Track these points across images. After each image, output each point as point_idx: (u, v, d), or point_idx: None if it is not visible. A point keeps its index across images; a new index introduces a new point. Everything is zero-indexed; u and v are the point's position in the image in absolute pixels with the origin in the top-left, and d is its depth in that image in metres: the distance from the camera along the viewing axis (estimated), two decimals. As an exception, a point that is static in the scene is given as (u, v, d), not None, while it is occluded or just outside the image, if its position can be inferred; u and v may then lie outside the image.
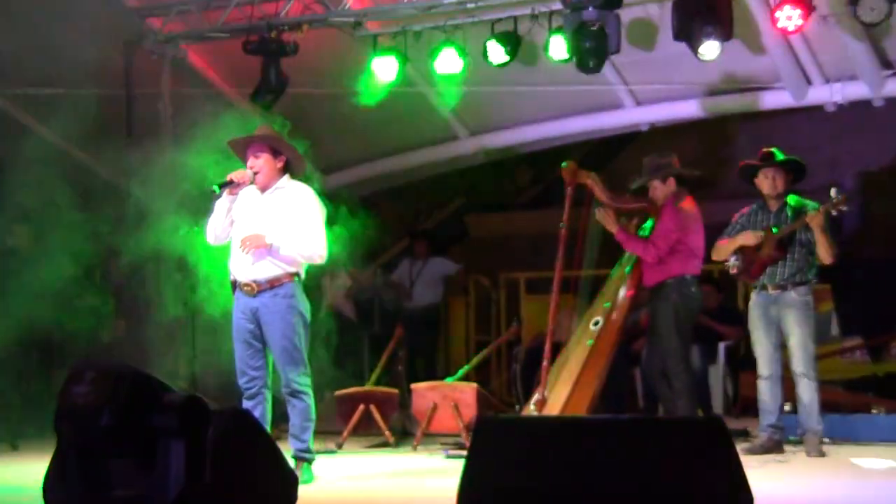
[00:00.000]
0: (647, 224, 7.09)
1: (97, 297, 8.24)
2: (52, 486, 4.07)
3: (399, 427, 7.90)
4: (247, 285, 5.73)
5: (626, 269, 7.17)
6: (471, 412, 7.11)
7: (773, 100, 9.21)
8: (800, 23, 7.43)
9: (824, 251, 6.54)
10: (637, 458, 3.66)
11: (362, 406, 7.59)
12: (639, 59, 8.85)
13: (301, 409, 5.74)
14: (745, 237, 6.77)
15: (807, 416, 6.60)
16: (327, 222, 5.94)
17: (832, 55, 8.67)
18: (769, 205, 6.82)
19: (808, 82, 8.91)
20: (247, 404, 5.71)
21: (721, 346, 8.96)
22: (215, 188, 5.78)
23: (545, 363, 6.71)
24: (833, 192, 6.47)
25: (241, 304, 5.78)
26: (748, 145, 8.95)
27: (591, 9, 7.38)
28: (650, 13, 8.36)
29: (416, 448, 7.35)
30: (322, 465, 6.06)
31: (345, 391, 7.87)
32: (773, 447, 6.63)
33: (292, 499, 4.40)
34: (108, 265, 8.75)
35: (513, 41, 8.11)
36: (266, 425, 5.63)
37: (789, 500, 5.10)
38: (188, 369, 8.04)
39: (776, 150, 6.80)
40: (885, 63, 8.66)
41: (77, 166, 8.98)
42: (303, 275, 5.83)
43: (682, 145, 8.90)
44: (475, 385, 7.45)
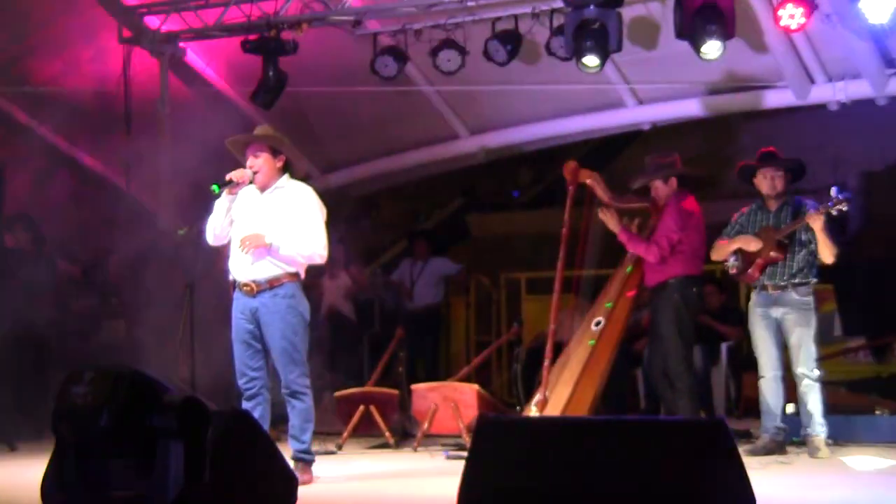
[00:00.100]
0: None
1: (94, 297, 8.23)
2: (51, 486, 4.07)
3: (399, 428, 7.87)
4: (246, 285, 5.71)
5: (628, 269, 7.14)
6: (471, 413, 7.08)
7: (776, 99, 9.18)
8: (802, 21, 7.42)
9: (825, 251, 6.52)
10: (638, 458, 3.65)
11: (362, 407, 7.57)
12: (640, 58, 8.83)
13: (301, 410, 5.72)
14: (746, 242, 6.74)
15: (809, 418, 6.58)
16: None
17: (835, 53, 8.65)
18: (768, 205, 6.80)
19: (811, 81, 8.88)
20: (246, 405, 5.68)
21: (723, 346, 8.92)
22: (215, 187, 5.75)
23: (546, 363, 6.69)
24: (833, 191, 6.45)
25: (240, 305, 5.76)
26: (750, 144, 8.89)
27: (592, 7, 7.36)
28: (652, 11, 8.34)
29: (416, 449, 7.32)
30: (322, 465, 6.03)
31: (345, 392, 7.86)
32: (776, 448, 6.60)
33: (292, 499, 4.39)
34: (106, 264, 8.74)
35: (514, 40, 8.08)
36: (265, 426, 5.60)
37: (791, 501, 5.08)
38: (186, 370, 8.00)
39: (775, 151, 6.78)
40: (889, 62, 8.63)
41: (75, 165, 8.97)
42: (303, 275, 5.80)
43: (684, 144, 8.90)
44: (476, 386, 7.43)
